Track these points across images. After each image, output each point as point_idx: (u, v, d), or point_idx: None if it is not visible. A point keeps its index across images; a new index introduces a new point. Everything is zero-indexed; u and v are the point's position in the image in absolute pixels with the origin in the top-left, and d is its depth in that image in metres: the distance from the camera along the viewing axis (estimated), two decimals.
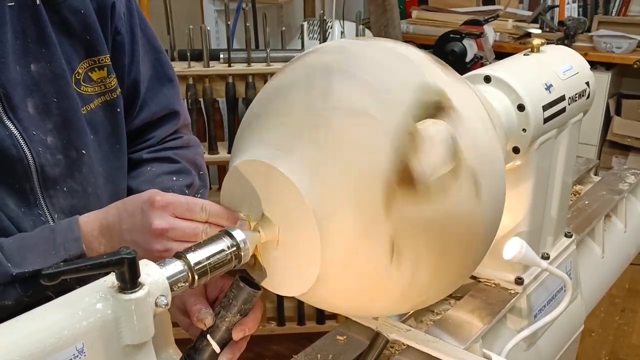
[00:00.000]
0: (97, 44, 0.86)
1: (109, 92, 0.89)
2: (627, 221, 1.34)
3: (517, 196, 0.93)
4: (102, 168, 0.90)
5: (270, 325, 2.38)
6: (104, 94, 0.88)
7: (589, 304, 1.19)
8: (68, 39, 0.84)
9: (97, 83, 0.87)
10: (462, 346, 0.85)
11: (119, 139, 0.92)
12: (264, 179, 0.63)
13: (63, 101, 0.83)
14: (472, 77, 0.89)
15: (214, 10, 2.74)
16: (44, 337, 0.51)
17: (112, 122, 0.90)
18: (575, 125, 0.99)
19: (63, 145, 0.84)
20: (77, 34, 0.84)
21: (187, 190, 0.93)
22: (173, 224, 0.69)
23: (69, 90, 0.83)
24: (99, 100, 0.88)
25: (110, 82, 0.89)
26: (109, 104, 0.89)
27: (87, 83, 0.86)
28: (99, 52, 0.87)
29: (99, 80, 0.87)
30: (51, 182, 0.83)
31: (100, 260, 0.53)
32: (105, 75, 0.88)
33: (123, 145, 0.93)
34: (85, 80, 0.86)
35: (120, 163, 0.94)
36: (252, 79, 2.01)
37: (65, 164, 0.84)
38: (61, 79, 0.82)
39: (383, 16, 2.62)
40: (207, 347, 0.69)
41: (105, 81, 0.88)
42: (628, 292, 2.78)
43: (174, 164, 0.96)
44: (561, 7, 3.41)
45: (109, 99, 0.89)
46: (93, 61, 0.86)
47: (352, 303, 0.69)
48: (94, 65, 0.87)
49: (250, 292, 0.68)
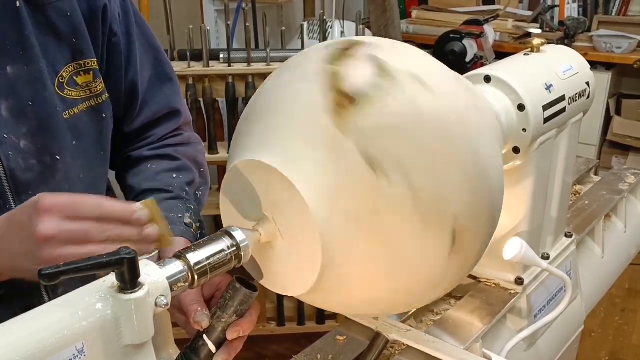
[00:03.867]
0: (83, 48, 0.84)
1: (95, 96, 0.87)
2: (627, 221, 1.34)
3: (517, 196, 0.93)
4: (83, 175, 0.88)
5: (270, 325, 2.38)
6: (89, 99, 0.87)
7: (589, 304, 1.19)
8: (53, 42, 0.82)
9: (83, 87, 0.86)
10: (462, 346, 0.85)
11: (104, 145, 0.91)
12: (264, 178, 0.63)
13: (40, 105, 0.81)
14: (472, 77, 0.89)
15: (214, 10, 2.74)
16: (44, 337, 0.51)
17: (97, 128, 0.89)
18: (575, 125, 0.99)
19: (37, 150, 0.81)
20: (63, 37, 0.83)
21: (187, 188, 0.92)
22: (59, 227, 0.64)
23: (48, 94, 0.81)
24: (84, 105, 0.86)
25: (96, 86, 0.87)
26: (95, 109, 0.88)
27: (72, 87, 0.84)
28: (85, 56, 0.85)
29: (85, 85, 0.86)
30: (23, 187, 0.81)
31: (100, 260, 0.53)
32: (91, 79, 0.86)
33: (107, 152, 0.92)
34: (69, 84, 0.84)
35: (102, 170, 0.92)
36: (252, 79, 2.01)
37: (39, 169, 0.82)
38: (39, 82, 0.80)
39: (383, 16, 2.62)
40: (204, 347, 0.69)
41: (91, 85, 0.86)
42: (628, 292, 2.78)
43: (175, 161, 0.95)
44: (561, 7, 3.42)
45: (94, 103, 0.87)
46: (79, 65, 0.85)
47: (352, 303, 0.69)
48: (80, 69, 0.85)
49: (247, 294, 0.68)
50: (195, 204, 0.92)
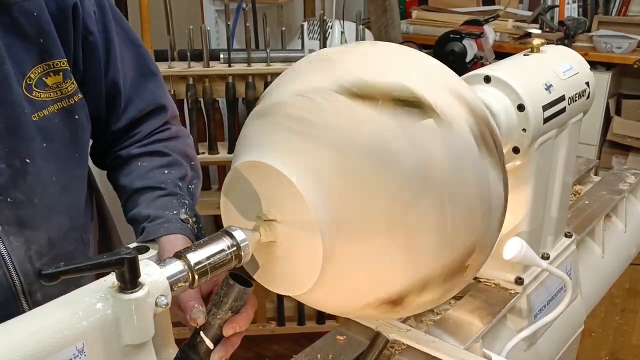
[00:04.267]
0: (52, 48, 0.82)
1: (66, 97, 0.85)
2: (627, 221, 1.34)
3: (517, 196, 0.93)
4: (56, 177, 0.85)
5: (270, 325, 2.37)
6: (60, 100, 0.84)
7: (589, 304, 1.19)
8: (19, 43, 0.79)
9: (53, 88, 0.83)
10: (462, 346, 0.85)
11: (79, 147, 0.88)
12: (264, 179, 0.63)
13: (6, 108, 0.79)
14: (472, 77, 0.89)
15: (214, 10, 2.74)
16: (44, 337, 0.51)
17: (70, 129, 0.86)
18: (575, 125, 0.99)
19: (6, 154, 0.79)
20: (30, 38, 0.80)
21: (180, 183, 0.91)
22: None
23: (14, 96, 0.79)
24: (54, 106, 0.84)
25: (67, 87, 0.84)
26: (66, 110, 0.85)
27: (41, 88, 0.82)
28: (54, 57, 0.82)
29: (55, 86, 0.83)
30: None
31: (100, 260, 0.53)
32: (61, 80, 0.84)
33: (83, 153, 0.90)
34: (38, 86, 0.82)
35: (80, 173, 0.90)
36: (252, 79, 2.01)
37: (8, 173, 0.80)
38: (5, 84, 0.78)
39: (383, 16, 2.63)
40: (201, 344, 0.69)
41: (61, 86, 0.84)
42: (628, 292, 2.78)
43: (165, 157, 0.94)
44: (561, 7, 3.41)
45: (66, 105, 0.85)
46: (48, 66, 0.82)
47: (351, 304, 0.69)
48: (49, 70, 0.82)
49: (241, 290, 0.69)
50: (189, 198, 0.91)
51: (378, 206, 0.61)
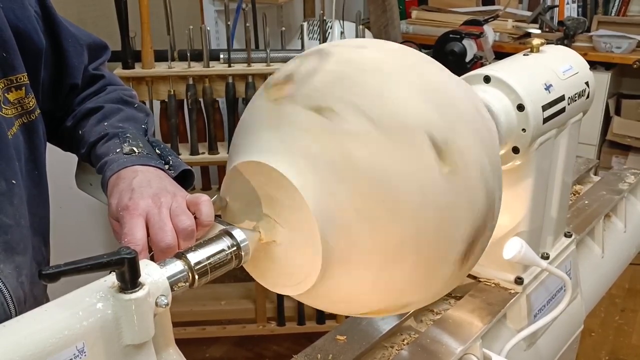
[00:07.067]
0: (14, 62, 0.77)
1: (27, 113, 0.80)
2: (627, 221, 1.34)
3: (517, 196, 0.93)
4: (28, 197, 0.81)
5: (270, 325, 2.37)
6: (21, 116, 0.80)
7: (589, 304, 1.19)
8: None
9: (15, 104, 0.78)
10: (462, 346, 0.85)
11: (38, 164, 0.84)
12: (264, 179, 0.63)
13: None
14: (472, 77, 0.89)
15: (214, 10, 2.74)
16: (44, 337, 0.51)
17: (30, 146, 0.82)
18: (575, 125, 0.99)
19: None
20: None
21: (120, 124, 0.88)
22: None
23: None
24: (18, 122, 0.79)
25: (28, 102, 0.80)
26: (28, 127, 0.81)
27: (6, 105, 0.77)
28: (16, 71, 0.78)
29: (17, 101, 0.79)
30: None
31: (100, 260, 0.53)
32: (23, 95, 0.79)
33: (42, 171, 0.85)
34: (4, 102, 0.77)
35: (38, 191, 0.85)
36: (252, 79, 2.01)
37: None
38: None
39: (383, 16, 2.63)
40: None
41: (23, 102, 0.79)
42: (628, 292, 2.79)
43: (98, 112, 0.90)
44: (561, 7, 3.42)
45: (26, 121, 0.81)
46: (10, 81, 0.77)
47: (351, 303, 0.69)
48: (11, 85, 0.78)
49: None
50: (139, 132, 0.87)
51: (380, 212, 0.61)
